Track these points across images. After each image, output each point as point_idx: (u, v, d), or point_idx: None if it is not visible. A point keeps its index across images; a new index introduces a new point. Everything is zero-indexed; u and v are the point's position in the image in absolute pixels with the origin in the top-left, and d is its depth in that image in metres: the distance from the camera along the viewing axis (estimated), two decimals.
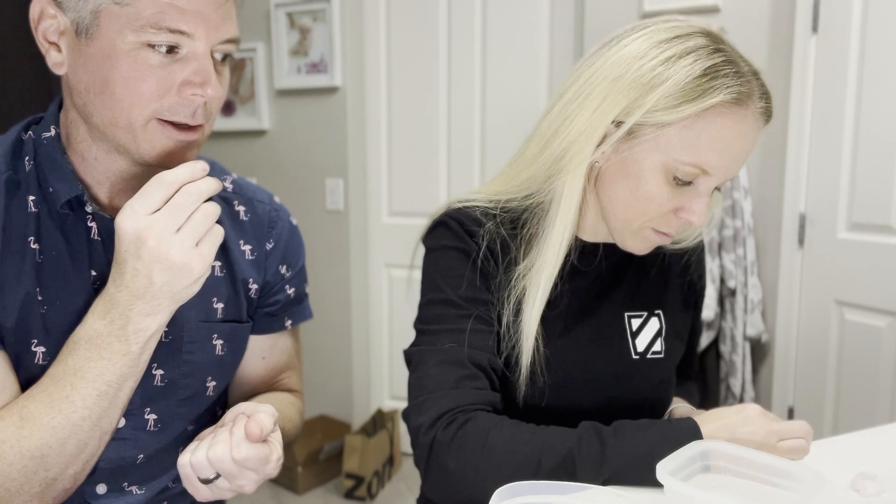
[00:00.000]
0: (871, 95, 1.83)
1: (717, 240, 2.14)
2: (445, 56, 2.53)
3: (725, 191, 2.11)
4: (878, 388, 1.86)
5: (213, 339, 0.86)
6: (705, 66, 0.73)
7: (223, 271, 0.88)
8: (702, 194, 0.77)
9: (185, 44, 0.70)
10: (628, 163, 0.78)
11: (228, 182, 0.94)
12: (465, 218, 0.87)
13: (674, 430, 0.73)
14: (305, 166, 2.67)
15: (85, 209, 0.78)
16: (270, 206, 0.96)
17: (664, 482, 0.64)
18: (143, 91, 0.70)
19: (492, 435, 0.74)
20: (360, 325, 2.67)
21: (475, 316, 0.83)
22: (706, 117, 0.73)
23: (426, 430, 0.77)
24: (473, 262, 0.85)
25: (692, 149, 0.74)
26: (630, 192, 0.79)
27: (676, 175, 0.75)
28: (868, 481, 0.76)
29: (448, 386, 0.78)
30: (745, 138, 0.75)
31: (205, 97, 0.72)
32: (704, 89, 0.73)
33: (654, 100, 0.73)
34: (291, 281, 0.97)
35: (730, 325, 2.17)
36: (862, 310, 1.91)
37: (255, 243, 0.92)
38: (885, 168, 1.79)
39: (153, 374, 0.81)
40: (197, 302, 0.83)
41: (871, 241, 1.86)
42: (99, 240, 0.79)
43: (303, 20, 2.56)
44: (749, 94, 0.75)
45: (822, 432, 2.03)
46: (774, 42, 2.07)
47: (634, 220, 0.81)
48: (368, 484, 2.40)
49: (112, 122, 0.73)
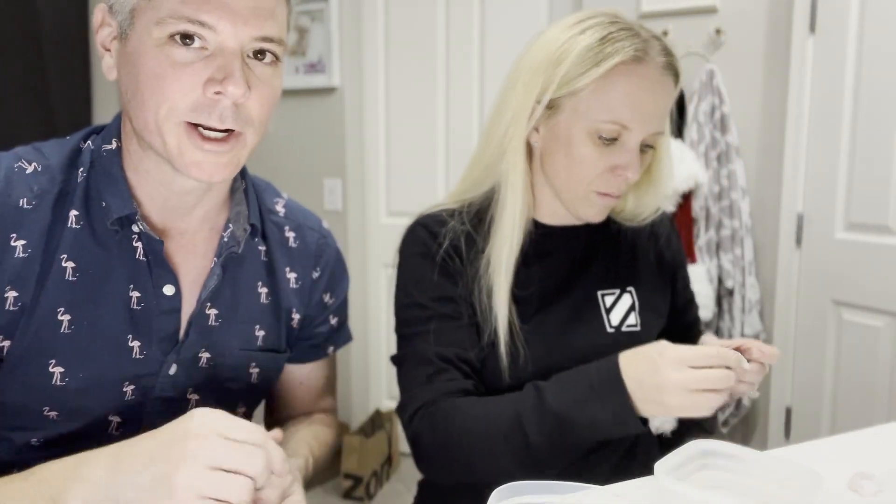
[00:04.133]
0: (869, 95, 1.83)
1: (715, 240, 2.15)
2: (444, 56, 2.53)
3: (723, 191, 2.11)
4: (876, 388, 1.86)
5: (251, 367, 0.83)
6: (602, 35, 0.83)
7: (269, 298, 0.85)
8: (630, 149, 0.84)
9: (210, 38, 0.66)
10: (559, 134, 0.87)
11: (280, 206, 0.90)
12: (430, 221, 0.95)
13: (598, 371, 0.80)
14: (303, 166, 2.67)
15: (132, 228, 0.74)
16: (319, 233, 0.93)
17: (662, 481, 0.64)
18: (166, 89, 0.67)
19: (453, 417, 0.84)
20: (358, 326, 2.66)
21: (441, 314, 0.90)
22: (611, 77, 0.82)
23: (406, 426, 0.89)
24: (436, 263, 0.92)
25: (606, 108, 0.82)
26: (566, 160, 0.87)
27: (601, 135, 0.84)
28: (866, 481, 0.76)
29: (419, 384, 0.88)
30: (652, 92, 0.83)
31: (227, 95, 0.67)
32: (605, 53, 0.82)
33: (562, 72, 0.83)
34: (335, 310, 0.95)
35: (728, 325, 2.17)
36: (859, 310, 1.91)
37: (301, 271, 0.89)
38: (883, 168, 1.80)
39: (188, 398, 0.79)
40: (240, 329, 0.82)
41: (868, 241, 1.87)
42: (144, 261, 0.75)
43: (301, 20, 2.56)
44: (646, 51, 0.83)
45: (820, 432, 2.04)
46: (772, 42, 2.08)
47: (577, 185, 0.88)
48: (367, 484, 2.40)
49: (144, 125, 0.70)
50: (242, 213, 0.82)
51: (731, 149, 2.11)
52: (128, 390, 0.76)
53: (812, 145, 2.00)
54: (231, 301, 0.81)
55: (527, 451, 0.82)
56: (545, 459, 0.82)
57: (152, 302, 0.76)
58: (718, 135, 2.13)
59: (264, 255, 0.86)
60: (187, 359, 0.78)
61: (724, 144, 2.12)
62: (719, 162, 2.13)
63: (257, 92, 0.70)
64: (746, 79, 2.12)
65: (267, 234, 0.86)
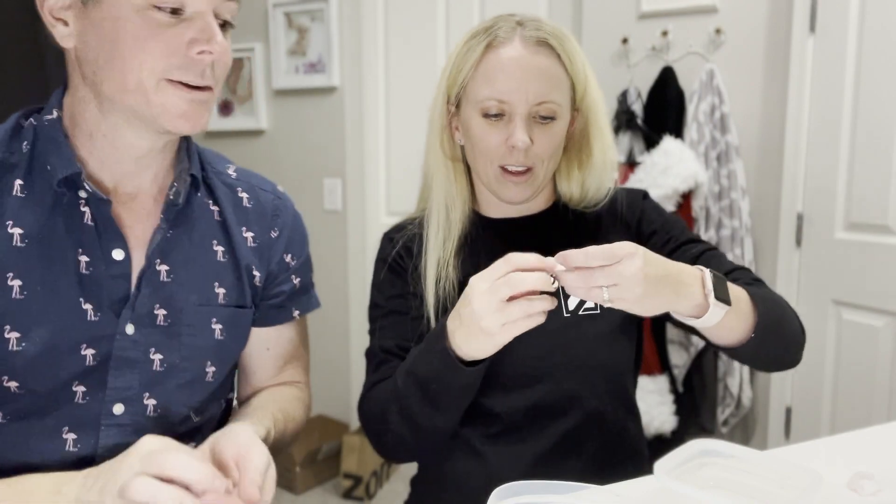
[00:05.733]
0: (869, 95, 1.83)
1: (715, 240, 2.15)
2: (443, 56, 2.53)
3: (723, 190, 2.11)
4: (876, 388, 1.86)
5: (213, 322, 0.86)
6: (473, 33, 0.96)
7: (226, 256, 0.88)
8: (515, 121, 0.92)
9: (189, 3, 0.73)
10: (464, 125, 0.97)
11: (231, 170, 0.94)
12: (392, 229, 1.07)
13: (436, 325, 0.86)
14: (303, 166, 2.67)
15: (79, 194, 0.78)
16: (274, 194, 0.96)
17: (662, 481, 0.64)
18: (152, 49, 0.72)
19: (369, 404, 0.95)
20: (358, 326, 2.66)
21: (390, 311, 1.01)
22: (482, 62, 0.93)
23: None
24: (389, 265, 1.03)
25: (483, 87, 0.93)
26: (470, 144, 0.97)
27: (487, 112, 0.93)
28: (865, 480, 0.76)
29: (366, 377, 1.00)
30: (518, 66, 0.92)
31: (212, 52, 0.74)
32: (469, 47, 0.95)
33: (453, 72, 0.96)
34: (297, 270, 0.97)
35: None
36: (859, 309, 1.92)
37: (258, 231, 0.92)
38: (882, 168, 1.80)
39: (151, 358, 0.81)
40: (197, 285, 0.84)
41: (868, 241, 1.87)
42: (91, 225, 0.78)
43: (301, 20, 2.56)
44: (495, 34, 0.93)
45: (820, 432, 2.04)
46: (772, 42, 2.08)
47: (485, 166, 0.95)
48: (367, 484, 2.40)
49: (122, 86, 0.73)
50: (185, 169, 0.86)
51: (731, 148, 2.11)
52: (87, 354, 0.77)
53: (812, 145, 2.00)
54: (184, 258, 0.84)
55: (408, 416, 0.87)
56: (426, 424, 0.88)
57: (101, 267, 0.78)
58: (718, 134, 2.13)
59: (217, 215, 0.89)
60: (143, 316, 0.80)
61: (723, 144, 2.12)
62: (719, 162, 2.13)
63: (226, 46, 0.78)
64: (746, 79, 2.12)
65: (218, 194, 0.90)
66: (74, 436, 0.78)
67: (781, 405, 2.15)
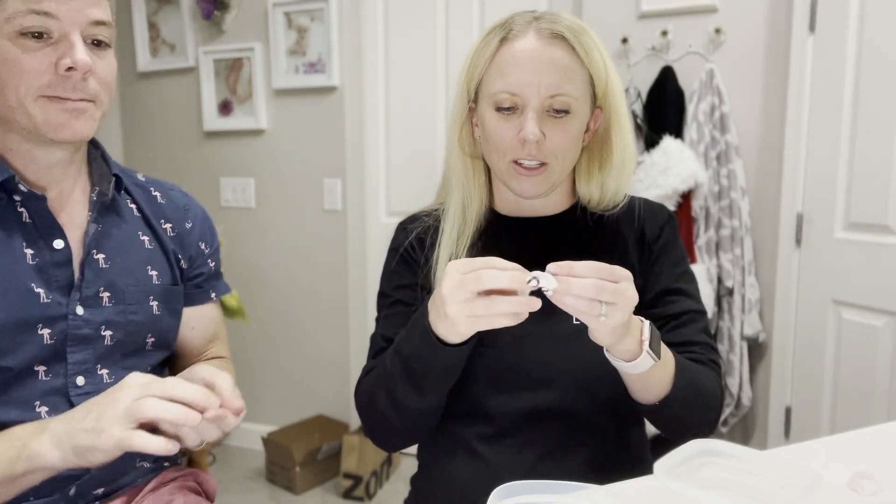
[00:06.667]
0: (868, 95, 1.83)
1: (715, 239, 2.15)
2: (443, 55, 2.53)
3: (723, 190, 2.12)
4: (875, 388, 1.86)
5: (150, 300, 0.99)
6: (486, 32, 0.97)
7: (153, 244, 1.02)
8: (527, 114, 0.91)
9: (54, 27, 0.82)
10: (480, 119, 0.97)
11: (140, 175, 1.07)
12: (407, 219, 1.08)
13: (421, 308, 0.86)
14: (303, 166, 2.67)
15: (14, 197, 0.87)
16: (182, 193, 1.11)
17: (662, 480, 0.64)
18: (24, 69, 0.81)
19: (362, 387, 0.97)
20: (358, 325, 2.67)
21: (396, 301, 1.02)
22: (497, 57, 0.94)
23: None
24: (400, 255, 1.04)
25: (497, 81, 0.93)
26: (485, 138, 0.96)
27: (500, 106, 0.92)
28: (865, 480, 0.76)
29: (366, 362, 1.01)
30: (530, 57, 0.91)
31: (78, 67, 0.82)
32: (486, 42, 0.95)
33: (471, 68, 0.97)
34: (211, 256, 1.12)
35: (727, 324, 2.17)
36: (859, 309, 1.92)
37: (175, 223, 1.06)
38: (882, 167, 1.80)
39: (103, 335, 0.93)
40: (133, 270, 0.97)
41: (868, 241, 1.87)
42: (30, 222, 0.88)
43: (300, 20, 2.56)
44: (510, 28, 0.94)
45: (820, 432, 2.04)
46: (772, 42, 2.08)
47: (499, 160, 0.95)
48: (366, 484, 2.40)
49: (7, 106, 0.83)
50: (105, 173, 0.98)
51: (731, 148, 2.11)
52: (44, 333, 0.87)
53: (812, 145, 2.01)
54: (117, 247, 0.97)
55: (392, 395, 0.89)
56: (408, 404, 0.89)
57: (46, 256, 0.89)
58: (718, 134, 2.13)
59: (137, 210, 1.03)
60: (90, 298, 0.92)
61: (723, 144, 2.12)
62: (719, 161, 2.13)
63: (98, 67, 0.86)
64: (746, 78, 2.12)
65: (134, 195, 1.03)
66: (46, 408, 0.87)
67: (781, 405, 2.15)
